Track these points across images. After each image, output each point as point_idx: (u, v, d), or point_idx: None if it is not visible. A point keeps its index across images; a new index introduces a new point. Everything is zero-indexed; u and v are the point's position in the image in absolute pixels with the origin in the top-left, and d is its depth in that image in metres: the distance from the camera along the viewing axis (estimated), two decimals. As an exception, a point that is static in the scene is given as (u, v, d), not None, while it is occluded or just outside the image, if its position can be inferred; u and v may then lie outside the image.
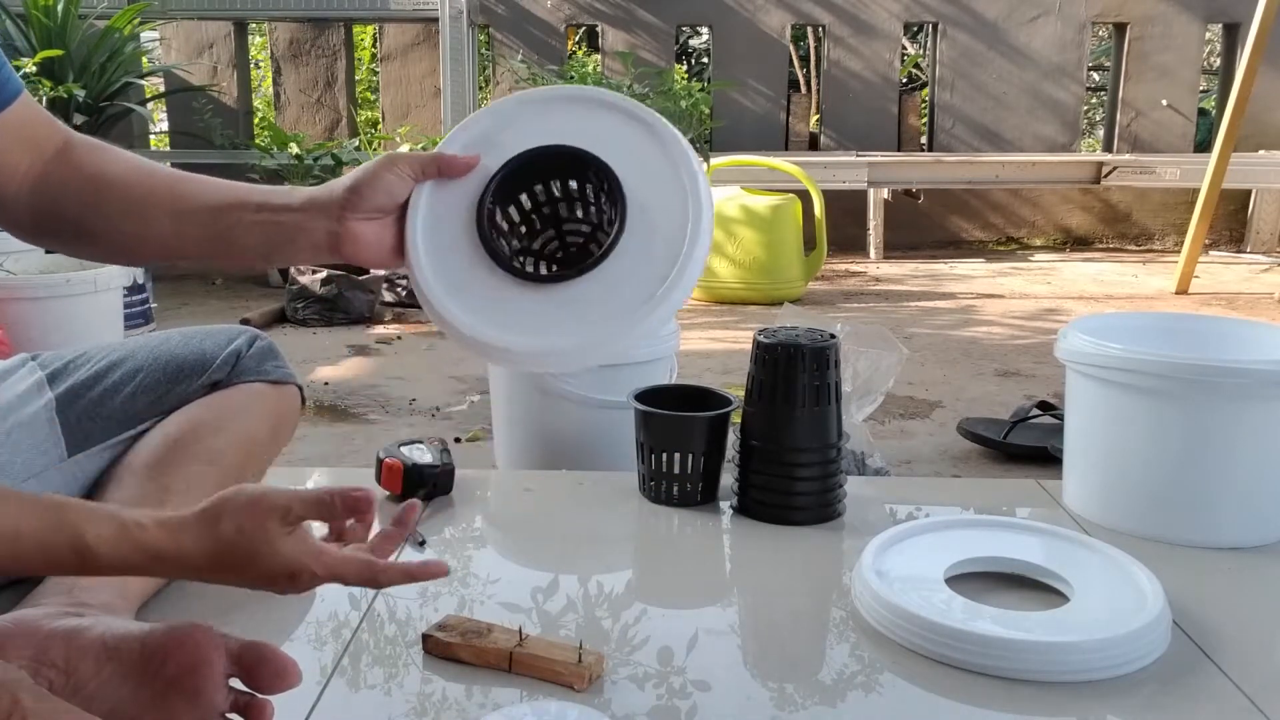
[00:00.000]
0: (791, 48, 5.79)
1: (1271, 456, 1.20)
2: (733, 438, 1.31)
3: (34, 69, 3.64)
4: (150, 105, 5.54)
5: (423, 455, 1.32)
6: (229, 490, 0.77)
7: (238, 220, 0.91)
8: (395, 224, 0.93)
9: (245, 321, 3.13)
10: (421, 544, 1.19)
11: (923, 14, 5.29)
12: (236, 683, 0.77)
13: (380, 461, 1.32)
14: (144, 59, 4.59)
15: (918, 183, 5.06)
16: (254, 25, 6.00)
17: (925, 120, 5.55)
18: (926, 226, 5.36)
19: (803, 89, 7.09)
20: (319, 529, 0.80)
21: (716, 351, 2.93)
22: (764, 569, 1.16)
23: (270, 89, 5.45)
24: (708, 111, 3.32)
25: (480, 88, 5.84)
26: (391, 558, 0.81)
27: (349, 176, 0.92)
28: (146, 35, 4.81)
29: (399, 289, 3.56)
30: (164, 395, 1.07)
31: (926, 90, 5.83)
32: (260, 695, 0.77)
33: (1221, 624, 1.01)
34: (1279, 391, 1.17)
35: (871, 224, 4.96)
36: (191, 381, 1.07)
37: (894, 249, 5.01)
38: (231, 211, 0.92)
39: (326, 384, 2.65)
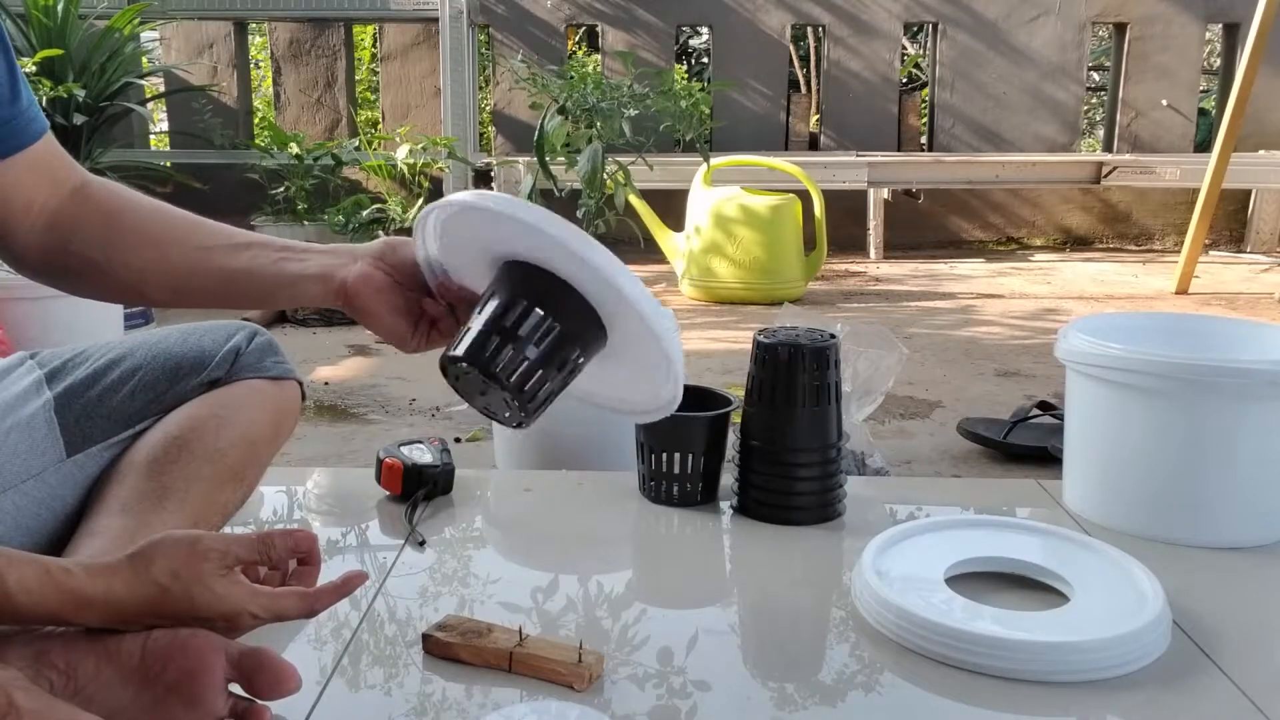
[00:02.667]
0: (791, 48, 5.79)
1: (1271, 456, 1.20)
2: (733, 438, 1.31)
3: (34, 69, 3.64)
4: (150, 105, 5.54)
5: (423, 455, 1.32)
6: (159, 535, 0.77)
7: (255, 257, 0.94)
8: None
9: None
10: (421, 544, 1.19)
11: (923, 14, 5.29)
12: (236, 688, 0.78)
13: (380, 461, 1.32)
14: (144, 59, 4.59)
15: (918, 183, 5.06)
16: (254, 25, 6.00)
17: (925, 120, 5.55)
18: (926, 226, 5.36)
19: (803, 89, 7.09)
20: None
21: (716, 351, 2.93)
22: (764, 569, 1.16)
23: (270, 89, 5.45)
24: (708, 111, 3.32)
25: (480, 88, 5.84)
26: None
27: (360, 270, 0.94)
28: (146, 35, 4.80)
29: (399, 289, 3.56)
30: (163, 393, 1.06)
31: (926, 90, 5.83)
32: (259, 701, 0.77)
33: (1221, 624, 1.01)
34: (1279, 391, 1.17)
35: (871, 224, 4.96)
36: (191, 379, 1.07)
37: (894, 249, 5.01)
38: (251, 248, 0.95)
39: (326, 384, 2.65)
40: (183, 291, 0.98)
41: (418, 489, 1.29)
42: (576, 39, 7.15)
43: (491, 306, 0.90)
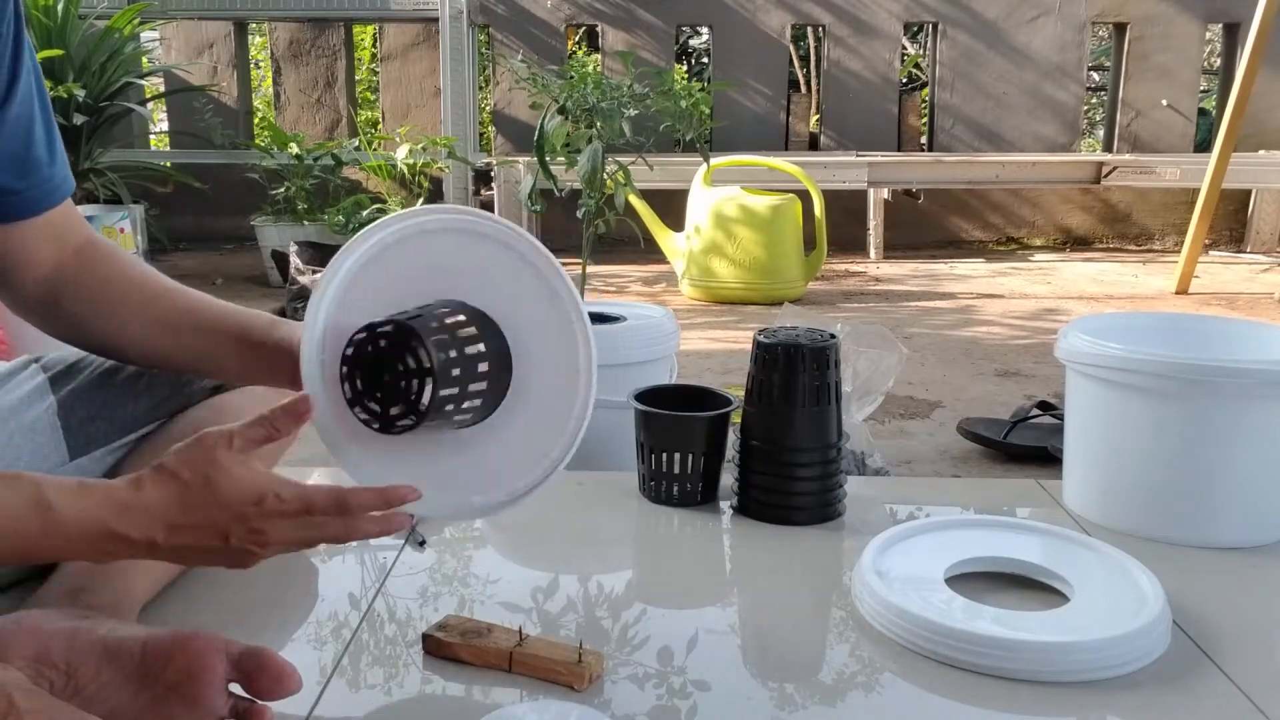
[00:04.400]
0: (791, 48, 5.79)
1: (1271, 456, 1.20)
2: (733, 438, 1.31)
3: (34, 69, 3.64)
4: (150, 105, 5.54)
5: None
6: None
7: (221, 345, 0.98)
8: None
9: (245, 321, 3.12)
10: (422, 544, 1.19)
11: (923, 14, 5.29)
12: (236, 688, 0.78)
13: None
14: (144, 59, 4.59)
15: (918, 183, 5.06)
16: (254, 25, 6.00)
17: (925, 120, 5.55)
18: (926, 226, 5.36)
19: (803, 89, 7.09)
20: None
21: (716, 351, 2.93)
22: (764, 569, 1.16)
23: (270, 89, 5.45)
24: (708, 111, 3.31)
25: (480, 88, 5.84)
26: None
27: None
28: (146, 35, 4.80)
29: (399, 289, 3.55)
30: (167, 399, 1.07)
31: (926, 90, 5.83)
32: (259, 701, 0.77)
33: (1221, 624, 1.02)
34: (1279, 391, 1.17)
35: (871, 224, 4.96)
36: (195, 384, 1.07)
37: (894, 249, 5.01)
38: (219, 337, 0.98)
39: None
40: (155, 362, 1.01)
41: (418, 489, 1.29)
42: (576, 39, 7.15)
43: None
